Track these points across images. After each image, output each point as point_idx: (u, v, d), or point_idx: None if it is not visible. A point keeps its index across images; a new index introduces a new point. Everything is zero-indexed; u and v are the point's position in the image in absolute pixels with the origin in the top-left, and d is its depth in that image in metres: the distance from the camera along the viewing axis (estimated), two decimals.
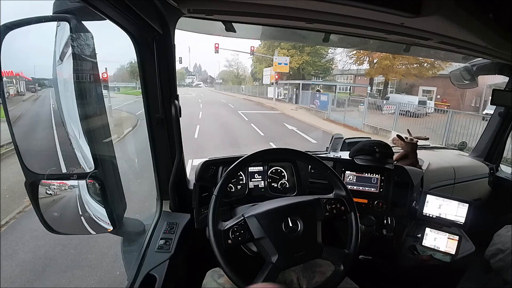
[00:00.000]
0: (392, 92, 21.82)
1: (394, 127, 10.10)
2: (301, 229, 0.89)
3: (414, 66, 18.40)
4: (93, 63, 0.78)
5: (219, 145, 8.48)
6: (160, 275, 0.97)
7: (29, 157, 0.78)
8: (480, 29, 0.94)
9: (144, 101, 1.12)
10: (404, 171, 1.46)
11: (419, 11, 0.75)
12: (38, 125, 0.87)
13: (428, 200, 1.41)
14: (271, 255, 0.85)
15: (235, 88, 40.46)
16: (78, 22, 0.72)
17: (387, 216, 1.46)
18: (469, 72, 1.74)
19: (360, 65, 21.54)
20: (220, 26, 1.14)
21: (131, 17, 0.83)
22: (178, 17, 1.01)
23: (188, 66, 77.02)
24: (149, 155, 1.23)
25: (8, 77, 0.74)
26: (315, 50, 25.24)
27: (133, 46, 1.01)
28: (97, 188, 0.85)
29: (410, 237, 1.52)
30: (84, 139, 0.79)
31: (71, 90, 0.75)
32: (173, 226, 1.19)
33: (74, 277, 2.78)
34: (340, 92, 22.25)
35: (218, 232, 0.85)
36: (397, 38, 1.22)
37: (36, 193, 0.82)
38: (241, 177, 1.43)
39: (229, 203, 1.35)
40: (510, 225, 1.30)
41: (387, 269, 1.56)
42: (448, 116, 8.53)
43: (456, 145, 2.61)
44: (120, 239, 1.15)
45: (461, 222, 1.36)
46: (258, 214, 0.89)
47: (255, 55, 27.63)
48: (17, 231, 3.43)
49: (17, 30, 0.69)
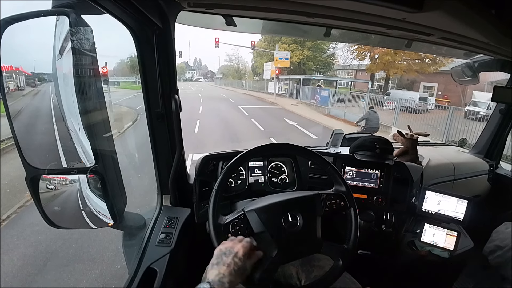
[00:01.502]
0: (393, 88, 21.75)
1: (394, 123, 10.08)
2: (301, 224, 0.89)
3: (416, 62, 18.29)
4: (93, 58, 0.77)
5: (219, 140, 8.48)
6: (160, 269, 0.98)
7: (30, 152, 0.78)
8: (482, 25, 0.93)
9: (144, 96, 1.12)
10: (404, 167, 1.46)
11: (421, 6, 0.75)
12: (38, 120, 0.87)
13: (428, 196, 1.41)
14: (270, 250, 0.86)
15: (235, 82, 40.32)
16: (78, 16, 0.72)
17: (387, 212, 1.47)
18: (471, 68, 1.73)
19: (361, 61, 21.42)
20: (220, 20, 1.13)
21: (131, 11, 0.82)
22: (178, 11, 1.00)
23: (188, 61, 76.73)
24: (149, 149, 1.24)
25: (8, 72, 0.74)
26: (316, 45, 25.09)
27: (133, 40, 1.01)
28: (97, 183, 0.85)
29: (409, 233, 1.53)
30: (85, 133, 0.79)
31: (71, 84, 0.74)
32: (173, 221, 1.19)
33: (75, 271, 2.80)
34: (341, 87, 22.19)
35: (218, 226, 0.86)
36: (399, 33, 1.22)
37: (37, 187, 0.82)
38: (241, 172, 1.44)
39: (229, 197, 1.35)
40: (509, 222, 1.31)
41: (385, 264, 1.57)
42: (449, 113, 8.52)
43: (456, 141, 2.61)
44: (121, 233, 1.15)
45: (460, 219, 1.36)
46: (258, 209, 0.90)
47: (255, 50, 27.43)
48: (18, 225, 3.46)
49: (17, 25, 0.69)
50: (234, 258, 0.76)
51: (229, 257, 0.76)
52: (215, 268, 0.74)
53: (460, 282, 1.70)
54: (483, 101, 12.21)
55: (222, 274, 0.72)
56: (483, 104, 11.40)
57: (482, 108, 10.87)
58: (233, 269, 0.74)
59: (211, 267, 0.75)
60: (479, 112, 10.05)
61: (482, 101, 12.07)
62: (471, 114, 9.79)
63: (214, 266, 0.75)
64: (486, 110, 10.21)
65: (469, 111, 9.97)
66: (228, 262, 0.75)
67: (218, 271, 0.72)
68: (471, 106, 11.71)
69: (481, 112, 10.05)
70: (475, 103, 11.89)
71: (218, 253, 0.79)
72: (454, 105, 9.59)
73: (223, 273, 0.72)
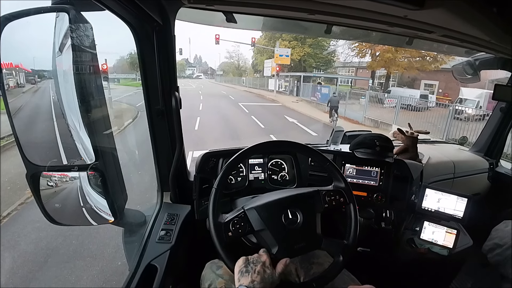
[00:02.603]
0: (393, 86, 21.69)
1: (395, 120, 10.08)
2: (301, 221, 0.90)
3: (417, 60, 18.24)
4: (93, 54, 0.77)
5: (219, 137, 8.49)
6: (161, 265, 0.98)
7: (30, 149, 0.78)
8: (484, 23, 0.92)
9: (144, 93, 1.12)
10: (404, 165, 1.46)
11: (423, 4, 0.74)
12: (38, 117, 0.87)
13: (427, 194, 1.41)
14: (271, 247, 0.86)
15: (235, 80, 40.23)
16: (77, 13, 0.71)
17: (386, 209, 1.47)
18: (472, 66, 1.73)
19: (362, 58, 21.33)
20: (220, 16, 1.12)
21: (131, 8, 0.82)
22: (178, 8, 1.00)
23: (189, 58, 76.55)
24: (150, 146, 1.24)
25: (7, 69, 0.73)
26: (317, 42, 25.00)
27: (133, 37, 1.00)
28: (98, 180, 0.85)
29: (408, 230, 1.54)
30: (85, 130, 0.79)
31: (71, 81, 0.74)
32: (173, 217, 1.20)
33: (76, 267, 2.81)
34: (341, 84, 22.18)
35: (219, 225, 0.86)
36: (400, 31, 1.21)
37: (38, 184, 0.82)
38: (241, 169, 1.44)
39: (229, 194, 1.36)
40: (508, 220, 1.31)
41: (385, 261, 1.58)
42: (449, 111, 8.50)
43: (456, 139, 2.61)
44: (121, 230, 1.16)
45: (459, 216, 1.36)
46: (258, 207, 0.90)
47: (256, 47, 27.39)
48: (18, 222, 3.46)
49: (16, 22, 0.68)
50: (263, 267, 0.80)
51: (258, 265, 0.79)
52: (246, 276, 0.77)
53: (459, 280, 1.71)
54: (472, 98, 11.33)
55: (256, 281, 0.75)
56: (471, 102, 10.30)
57: (470, 106, 9.79)
58: (263, 277, 0.77)
59: (241, 275, 0.78)
60: (466, 111, 8.87)
61: (470, 99, 11.06)
62: (457, 113, 8.50)
63: (244, 274, 0.78)
64: (475, 109, 9.22)
65: (455, 110, 8.61)
66: (258, 270, 0.78)
67: (251, 278, 0.76)
68: (457, 104, 10.56)
69: (469, 111, 8.80)
70: (462, 101, 11.01)
71: (244, 261, 0.81)
72: (455, 103, 9.47)
73: (257, 280, 0.75)
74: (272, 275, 0.80)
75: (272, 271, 0.81)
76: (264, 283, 0.76)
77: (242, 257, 0.84)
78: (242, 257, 0.84)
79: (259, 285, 0.74)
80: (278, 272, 0.82)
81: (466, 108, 9.33)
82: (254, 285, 0.74)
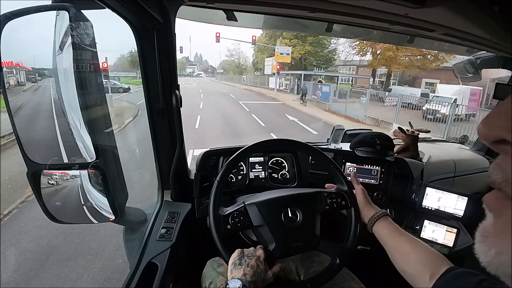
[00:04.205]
0: (394, 84, 21.64)
1: (395, 119, 10.05)
2: (300, 220, 0.90)
3: (418, 58, 18.21)
4: (93, 53, 0.77)
5: (220, 135, 8.49)
6: (161, 263, 0.99)
7: (31, 147, 0.79)
8: (485, 22, 0.92)
9: (145, 91, 1.12)
10: (404, 164, 1.46)
11: (424, 2, 0.74)
12: (39, 115, 0.87)
13: (428, 192, 1.41)
14: (268, 243, 0.86)
15: (236, 78, 40.23)
16: (78, 11, 0.71)
17: (386, 208, 1.47)
18: (473, 65, 1.72)
19: (363, 56, 21.29)
20: (221, 14, 1.12)
21: (131, 6, 0.81)
22: (178, 6, 0.99)
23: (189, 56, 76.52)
24: (150, 145, 1.24)
25: (8, 68, 0.73)
26: (318, 40, 24.96)
27: (133, 35, 1.00)
28: (98, 178, 0.86)
29: (408, 229, 1.53)
30: (85, 129, 0.79)
31: (71, 80, 0.74)
32: (174, 216, 1.20)
33: (77, 265, 2.82)
34: (342, 83, 22.16)
35: (218, 217, 0.87)
36: (401, 29, 1.21)
37: (38, 183, 0.82)
38: (242, 168, 1.44)
39: (230, 193, 1.36)
40: None
41: (385, 259, 1.58)
42: (450, 109, 8.48)
43: (457, 138, 2.60)
44: (122, 228, 1.16)
45: (459, 215, 1.36)
46: (258, 202, 0.90)
47: (256, 45, 27.34)
48: (19, 221, 3.47)
49: (17, 20, 0.68)
50: (257, 261, 0.79)
51: (252, 259, 0.79)
52: (239, 269, 0.76)
53: None
54: (448, 96, 10.05)
55: (248, 275, 0.74)
56: (446, 100, 8.87)
57: (444, 105, 8.53)
58: (256, 271, 0.76)
59: (234, 267, 0.77)
60: (439, 111, 7.82)
61: (445, 96, 9.72)
62: (429, 113, 7.55)
63: (237, 266, 0.77)
64: (449, 109, 8.07)
65: (427, 109, 7.64)
66: (252, 264, 0.77)
67: (244, 272, 0.75)
68: (430, 103, 9.47)
69: (442, 111, 7.82)
70: (436, 99, 9.76)
71: (239, 254, 0.81)
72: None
73: (249, 274, 0.74)
74: (265, 272, 0.79)
75: (266, 268, 0.80)
76: (256, 278, 0.75)
77: (238, 249, 0.84)
78: (238, 250, 0.83)
79: (251, 279, 0.74)
80: (272, 271, 0.81)
81: (439, 107, 8.59)
82: (246, 278, 0.73)
